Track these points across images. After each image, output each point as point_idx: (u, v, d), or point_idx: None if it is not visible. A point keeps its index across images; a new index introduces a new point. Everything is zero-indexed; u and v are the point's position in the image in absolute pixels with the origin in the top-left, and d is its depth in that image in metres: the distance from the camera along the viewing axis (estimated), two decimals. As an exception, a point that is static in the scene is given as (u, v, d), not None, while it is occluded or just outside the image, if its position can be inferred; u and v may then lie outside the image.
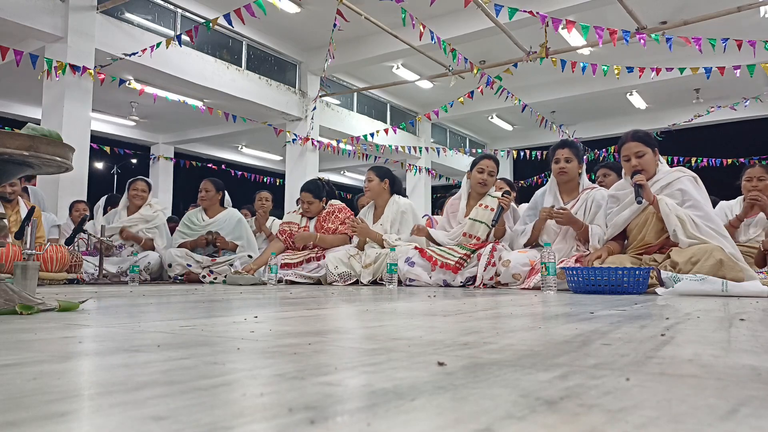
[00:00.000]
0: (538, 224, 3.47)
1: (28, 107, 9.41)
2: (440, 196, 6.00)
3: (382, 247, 3.99)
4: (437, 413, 0.45)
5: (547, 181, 3.81)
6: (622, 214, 3.06)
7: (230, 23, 6.10)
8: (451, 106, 8.59)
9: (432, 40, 6.56)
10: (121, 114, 9.99)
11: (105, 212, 4.96)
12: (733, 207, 3.82)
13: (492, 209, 3.74)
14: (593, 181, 3.98)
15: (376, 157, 11.46)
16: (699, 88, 10.13)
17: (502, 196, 3.64)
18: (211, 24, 6.17)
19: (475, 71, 7.39)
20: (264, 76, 8.75)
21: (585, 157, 3.71)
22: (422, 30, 6.12)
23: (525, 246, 3.53)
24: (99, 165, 16.75)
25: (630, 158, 3.04)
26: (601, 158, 10.74)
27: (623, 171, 3.19)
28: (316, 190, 4.44)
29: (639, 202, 2.87)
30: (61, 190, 5.98)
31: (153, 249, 4.63)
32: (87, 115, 6.34)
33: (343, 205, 4.50)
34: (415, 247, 3.82)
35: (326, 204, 4.48)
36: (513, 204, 3.88)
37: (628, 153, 3.05)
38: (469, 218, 3.84)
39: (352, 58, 8.75)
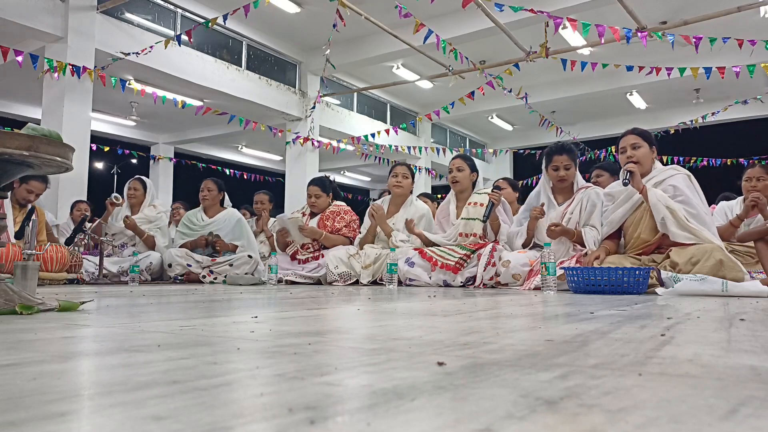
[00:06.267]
0: (530, 224, 3.48)
1: (28, 107, 9.40)
2: (442, 196, 5.92)
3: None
4: (437, 413, 0.44)
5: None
6: (618, 211, 3.07)
7: (225, 21, 6.10)
8: (452, 106, 8.58)
9: (425, 41, 6.53)
10: (121, 114, 9.98)
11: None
12: (733, 207, 3.82)
13: (482, 205, 3.76)
14: (587, 181, 3.98)
15: (376, 157, 11.45)
16: (699, 88, 10.12)
17: (492, 191, 3.67)
18: (210, 24, 6.17)
19: (478, 71, 7.38)
20: (264, 76, 8.74)
21: (585, 157, 3.74)
22: (416, 31, 6.09)
23: (523, 247, 3.53)
24: (99, 165, 16.73)
25: (626, 149, 3.07)
26: (601, 158, 10.74)
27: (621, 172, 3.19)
28: (324, 184, 4.48)
29: (625, 184, 2.91)
30: (61, 190, 5.98)
31: (153, 246, 4.63)
32: (87, 115, 6.34)
33: (349, 208, 4.53)
34: (415, 248, 3.83)
35: (332, 201, 4.51)
36: (504, 199, 3.89)
37: (625, 145, 3.09)
38: (462, 218, 3.85)
39: (352, 58, 8.74)
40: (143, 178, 4.92)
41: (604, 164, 4.39)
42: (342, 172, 15.74)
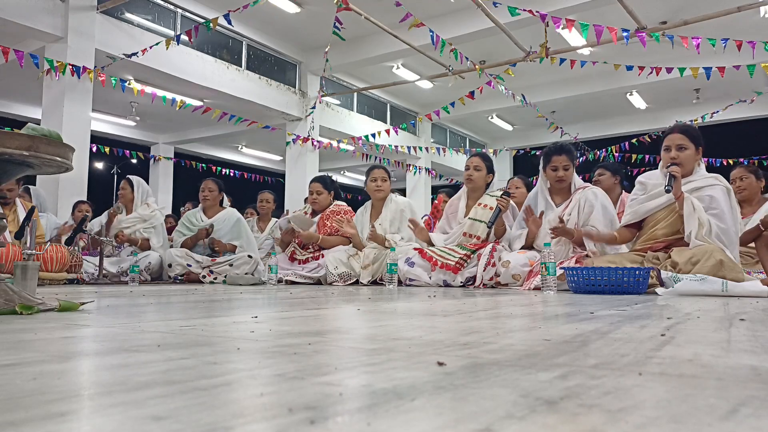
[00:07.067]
0: (530, 234, 3.50)
1: (28, 107, 9.41)
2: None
3: (385, 247, 4.00)
4: (437, 413, 0.44)
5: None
6: (647, 203, 3.00)
7: (230, 23, 6.11)
8: (452, 106, 8.58)
9: (432, 42, 6.54)
10: (121, 114, 9.98)
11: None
12: None
13: (491, 208, 3.75)
14: (589, 181, 3.98)
15: (376, 157, 11.45)
16: (699, 88, 10.12)
17: (501, 197, 3.64)
18: (211, 24, 6.17)
19: (478, 71, 7.38)
20: (264, 76, 8.74)
21: (585, 157, 3.75)
22: (412, 28, 6.08)
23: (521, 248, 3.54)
24: (99, 165, 16.75)
25: (671, 149, 2.93)
26: (601, 158, 10.74)
27: (660, 164, 3.08)
28: (326, 182, 4.50)
29: (668, 191, 2.79)
30: (61, 190, 5.98)
31: (150, 249, 4.63)
32: (87, 115, 6.34)
33: (349, 207, 4.54)
34: (415, 248, 3.83)
35: (333, 200, 4.52)
36: (513, 204, 3.88)
37: (671, 144, 2.95)
38: (469, 218, 3.85)
39: (352, 58, 8.74)
40: (131, 177, 4.91)
41: (607, 164, 4.39)
42: (342, 172, 15.74)
